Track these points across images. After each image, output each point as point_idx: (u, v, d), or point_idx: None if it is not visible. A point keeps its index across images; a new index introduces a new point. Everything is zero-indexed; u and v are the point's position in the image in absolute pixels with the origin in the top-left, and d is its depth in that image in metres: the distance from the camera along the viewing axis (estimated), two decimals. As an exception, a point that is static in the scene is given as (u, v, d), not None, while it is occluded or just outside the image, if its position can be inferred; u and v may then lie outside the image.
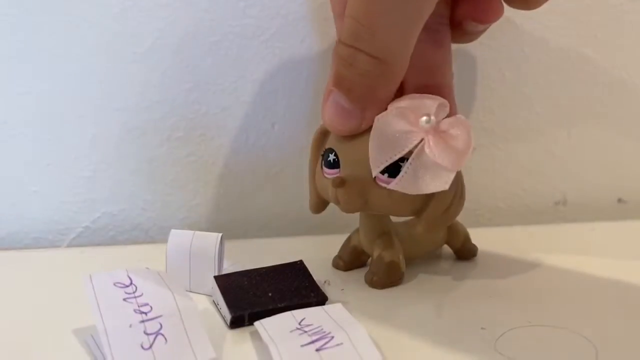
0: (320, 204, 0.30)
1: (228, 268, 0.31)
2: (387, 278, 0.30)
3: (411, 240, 0.31)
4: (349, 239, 0.32)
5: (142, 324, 0.23)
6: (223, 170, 0.37)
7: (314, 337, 0.23)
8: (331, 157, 0.28)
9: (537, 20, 0.38)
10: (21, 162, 0.36)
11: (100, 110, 0.36)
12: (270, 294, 0.27)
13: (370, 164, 0.26)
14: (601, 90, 0.40)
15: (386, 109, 0.26)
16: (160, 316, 0.23)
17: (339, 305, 0.26)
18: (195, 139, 0.37)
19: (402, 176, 0.26)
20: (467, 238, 0.33)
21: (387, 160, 0.26)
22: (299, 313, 0.25)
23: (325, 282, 0.30)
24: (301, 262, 0.29)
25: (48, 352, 0.25)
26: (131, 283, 0.24)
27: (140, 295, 0.24)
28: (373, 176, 0.26)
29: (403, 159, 0.26)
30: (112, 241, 0.38)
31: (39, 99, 0.35)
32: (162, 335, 0.23)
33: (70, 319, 0.26)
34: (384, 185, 0.26)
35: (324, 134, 0.29)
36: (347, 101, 0.26)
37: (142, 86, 0.36)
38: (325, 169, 0.28)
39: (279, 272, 0.28)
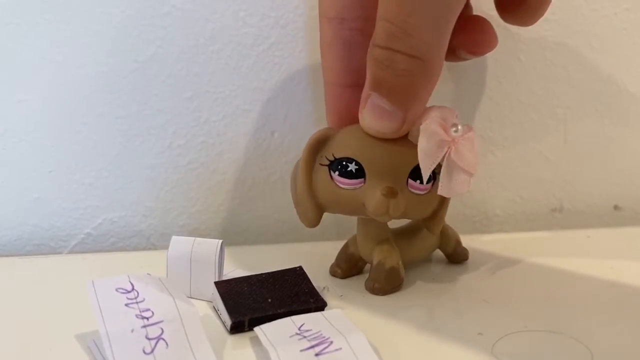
0: (318, 218, 0.29)
1: (228, 274, 0.31)
2: (388, 284, 0.30)
3: (406, 245, 0.31)
4: (345, 247, 0.32)
5: (143, 329, 0.23)
6: (223, 177, 0.38)
7: (313, 342, 0.23)
8: (352, 167, 0.28)
9: (532, 28, 0.38)
10: (23, 169, 0.36)
11: (102, 118, 0.36)
12: (270, 300, 0.27)
13: (422, 167, 0.26)
14: (597, 98, 0.40)
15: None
16: (161, 321, 0.23)
17: (338, 311, 0.26)
18: (196, 147, 0.37)
19: (442, 182, 0.27)
20: (458, 242, 0.33)
21: (432, 166, 0.27)
22: (298, 318, 0.25)
23: (324, 288, 0.30)
24: (300, 268, 0.29)
25: (51, 357, 0.25)
26: (133, 289, 0.25)
27: (142, 301, 0.24)
28: (424, 181, 0.27)
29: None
30: (114, 248, 0.38)
31: (41, 107, 0.35)
32: (164, 340, 0.23)
33: (73, 325, 0.26)
34: (416, 192, 0.28)
35: (320, 142, 0.29)
36: (388, 103, 0.26)
37: (144, 94, 0.36)
38: (343, 179, 0.28)
39: (278, 278, 0.29)
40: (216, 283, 0.28)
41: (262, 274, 0.29)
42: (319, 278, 0.31)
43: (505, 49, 0.38)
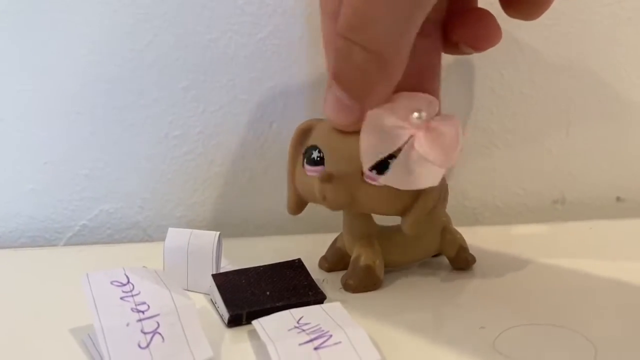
0: (299, 205, 0.30)
1: (226, 266, 0.31)
2: (360, 283, 0.29)
3: (398, 246, 0.30)
4: (335, 240, 0.32)
5: (139, 323, 0.23)
6: (221, 168, 0.37)
7: (312, 336, 0.23)
8: (315, 154, 0.28)
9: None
10: (18, 160, 0.36)
11: (97, 108, 0.36)
12: (268, 293, 0.27)
13: (362, 158, 0.26)
14: (599, 89, 0.40)
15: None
16: (157, 315, 0.23)
17: (337, 304, 0.26)
18: (193, 137, 0.37)
19: (392, 171, 0.26)
20: (462, 248, 0.31)
21: (378, 156, 0.25)
22: (297, 312, 0.25)
23: (323, 280, 0.30)
24: (299, 260, 0.29)
25: (45, 351, 0.24)
26: (128, 282, 0.24)
27: (137, 294, 0.24)
28: (363, 170, 0.26)
29: (391, 156, 0.26)
30: (110, 239, 0.38)
31: (36, 97, 0.35)
32: (160, 334, 0.23)
33: (68, 318, 0.26)
34: (371, 182, 0.27)
35: (304, 132, 0.29)
36: (345, 95, 0.26)
37: (140, 84, 0.35)
38: (308, 167, 0.28)
39: (277, 271, 0.28)
40: (214, 276, 0.28)
41: (260, 266, 0.29)
42: (318, 271, 0.31)
43: (507, 40, 0.38)
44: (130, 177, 0.37)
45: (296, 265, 0.29)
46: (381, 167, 0.26)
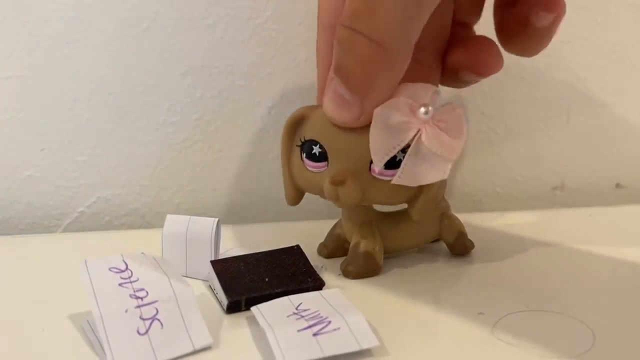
0: (298, 196, 0.29)
1: (224, 253, 0.30)
2: (360, 269, 0.29)
3: (397, 232, 0.30)
4: (334, 227, 0.32)
5: (138, 309, 0.23)
6: (219, 154, 0.37)
7: (311, 322, 0.23)
8: (316, 149, 0.27)
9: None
10: (15, 147, 0.36)
11: (94, 94, 0.35)
12: (267, 279, 0.27)
13: (373, 156, 0.25)
14: (600, 75, 0.40)
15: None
16: (156, 301, 0.23)
17: (336, 291, 0.26)
18: (191, 123, 0.36)
19: (403, 169, 0.26)
20: (461, 234, 0.31)
21: (389, 153, 0.25)
22: (296, 298, 0.25)
23: (322, 267, 0.30)
24: (298, 246, 0.29)
25: (44, 337, 0.24)
26: (127, 268, 0.24)
27: (136, 281, 0.24)
28: (377, 169, 0.26)
29: (401, 152, 0.26)
30: (108, 226, 0.37)
31: (32, 83, 0.35)
32: (158, 320, 0.23)
33: (66, 305, 0.26)
34: (382, 178, 0.26)
35: (297, 121, 0.28)
36: (346, 91, 0.25)
37: (137, 70, 0.35)
38: (309, 162, 0.28)
39: (275, 257, 0.28)
40: (212, 262, 0.28)
41: (259, 252, 0.28)
42: (317, 257, 0.31)
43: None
44: (128, 164, 0.37)
45: (295, 252, 0.29)
46: (390, 162, 0.26)
